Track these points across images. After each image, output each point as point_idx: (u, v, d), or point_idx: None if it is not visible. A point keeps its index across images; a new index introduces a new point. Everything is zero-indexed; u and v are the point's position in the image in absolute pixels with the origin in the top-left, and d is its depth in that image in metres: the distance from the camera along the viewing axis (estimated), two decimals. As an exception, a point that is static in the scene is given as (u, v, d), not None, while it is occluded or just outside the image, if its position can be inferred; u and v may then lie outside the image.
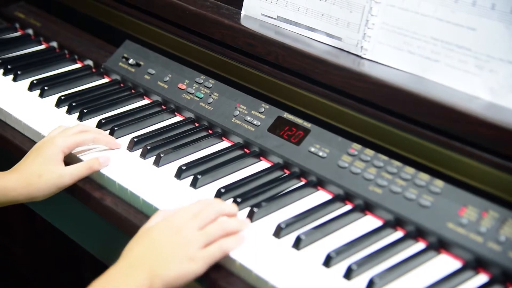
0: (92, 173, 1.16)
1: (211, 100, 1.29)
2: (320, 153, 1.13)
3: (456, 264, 0.97)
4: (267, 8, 1.32)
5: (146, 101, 1.39)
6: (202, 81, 1.33)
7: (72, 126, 1.21)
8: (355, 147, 1.11)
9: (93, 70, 1.51)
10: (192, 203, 1.02)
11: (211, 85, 1.31)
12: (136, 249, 0.95)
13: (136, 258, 0.93)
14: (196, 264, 0.93)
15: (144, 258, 0.93)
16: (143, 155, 1.20)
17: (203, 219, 0.98)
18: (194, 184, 1.12)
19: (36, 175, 1.11)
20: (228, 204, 1.03)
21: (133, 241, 0.97)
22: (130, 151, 1.22)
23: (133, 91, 1.42)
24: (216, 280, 0.97)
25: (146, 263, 0.92)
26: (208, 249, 0.95)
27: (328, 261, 0.96)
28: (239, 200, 1.07)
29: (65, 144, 1.14)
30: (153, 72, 1.40)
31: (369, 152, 1.10)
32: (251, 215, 1.04)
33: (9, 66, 1.50)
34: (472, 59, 1.07)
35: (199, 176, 1.12)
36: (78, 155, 1.20)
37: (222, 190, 1.09)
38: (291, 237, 1.01)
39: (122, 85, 1.44)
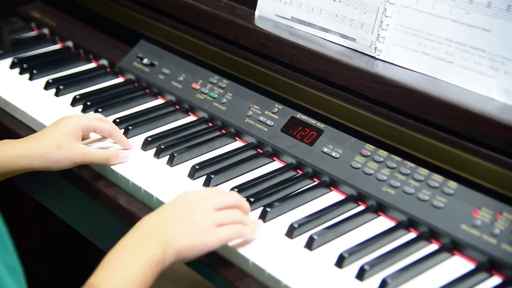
0: (107, 170, 1.17)
1: (225, 100, 1.30)
2: (333, 154, 1.13)
3: (469, 266, 0.96)
4: (281, 9, 1.32)
5: (160, 101, 1.40)
6: (216, 81, 1.33)
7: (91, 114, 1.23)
8: (369, 147, 1.11)
9: (108, 69, 1.52)
10: (208, 188, 1.01)
11: (225, 85, 1.32)
12: (148, 223, 0.94)
13: (148, 230, 0.93)
14: (210, 237, 0.93)
15: (157, 229, 0.92)
16: (157, 155, 1.21)
17: (220, 201, 0.98)
18: (207, 184, 1.13)
19: (55, 146, 1.12)
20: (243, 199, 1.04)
21: (144, 217, 0.96)
22: (144, 150, 1.23)
23: (147, 90, 1.43)
24: (230, 280, 0.97)
25: (159, 234, 0.91)
26: (224, 227, 0.95)
27: (340, 262, 0.96)
28: (252, 199, 1.07)
29: (83, 123, 1.16)
30: (167, 72, 1.40)
31: (383, 153, 1.09)
32: (264, 215, 1.04)
33: (25, 65, 1.51)
34: (486, 60, 1.06)
35: (212, 176, 1.13)
36: (90, 145, 1.21)
37: (235, 190, 1.10)
38: (303, 237, 1.01)
39: (136, 84, 1.45)
